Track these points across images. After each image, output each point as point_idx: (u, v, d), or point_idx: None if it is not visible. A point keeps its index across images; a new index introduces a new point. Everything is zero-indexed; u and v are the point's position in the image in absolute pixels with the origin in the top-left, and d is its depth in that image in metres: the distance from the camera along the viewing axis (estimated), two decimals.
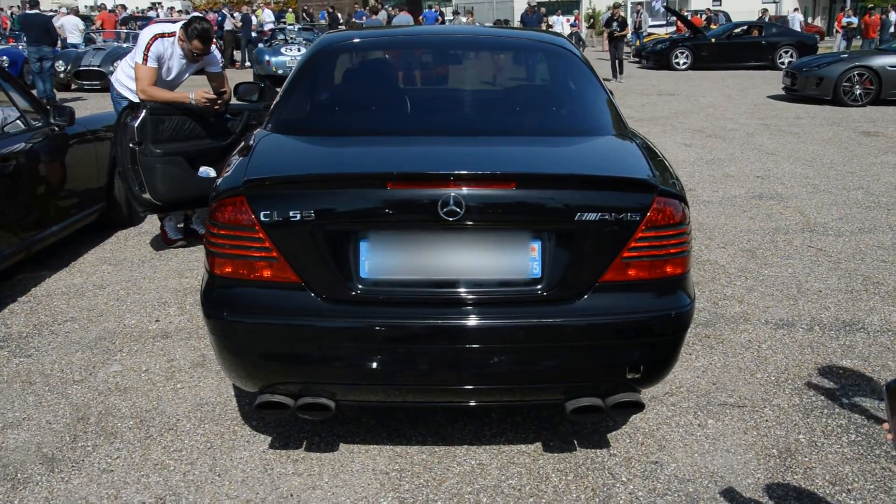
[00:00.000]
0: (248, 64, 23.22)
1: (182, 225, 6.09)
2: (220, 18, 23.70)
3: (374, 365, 2.76)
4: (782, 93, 16.12)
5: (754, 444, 3.34)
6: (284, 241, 2.70)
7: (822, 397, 3.75)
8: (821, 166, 9.19)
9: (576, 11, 39.55)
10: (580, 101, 3.65)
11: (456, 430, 3.37)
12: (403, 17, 18.98)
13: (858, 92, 15.01)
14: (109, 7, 30.78)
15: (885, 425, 2.01)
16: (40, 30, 13.91)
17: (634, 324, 2.79)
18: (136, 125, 5.14)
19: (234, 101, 5.88)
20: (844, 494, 3.01)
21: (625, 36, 21.12)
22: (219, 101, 5.44)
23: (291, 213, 2.66)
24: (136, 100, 5.50)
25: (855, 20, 27.30)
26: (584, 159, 3.17)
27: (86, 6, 26.79)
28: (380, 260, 2.72)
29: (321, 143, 3.25)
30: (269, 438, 3.32)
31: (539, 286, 2.72)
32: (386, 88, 3.90)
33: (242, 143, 3.55)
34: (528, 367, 2.79)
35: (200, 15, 6.33)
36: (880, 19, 27.54)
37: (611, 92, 3.81)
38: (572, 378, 2.83)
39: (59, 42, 14.79)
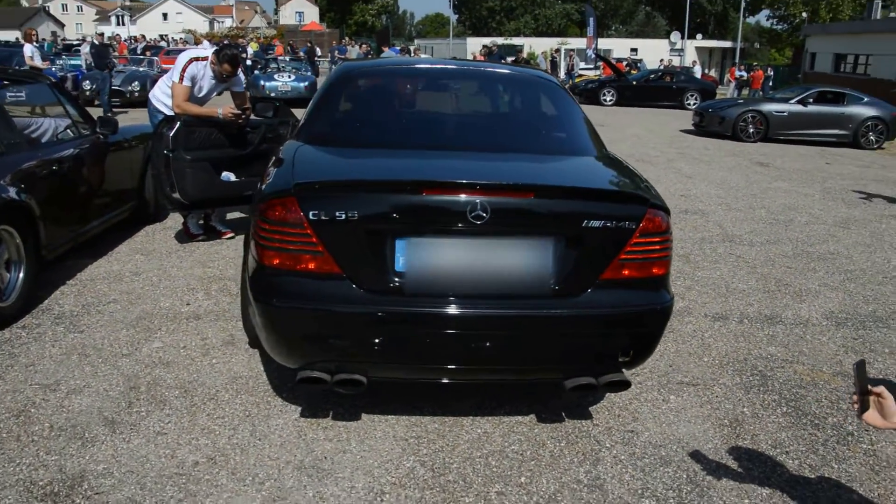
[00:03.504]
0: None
1: (202, 222, 5.88)
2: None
3: (406, 346, 2.67)
4: (692, 128, 16.39)
5: (709, 415, 3.33)
6: (329, 237, 2.59)
7: (758, 377, 3.77)
8: (729, 188, 9.34)
9: (517, 53, 39.67)
10: (570, 125, 3.60)
11: (460, 403, 3.28)
12: (393, 52, 18.64)
13: (752, 130, 15.39)
14: (123, 37, 29.91)
15: (854, 397, 2.00)
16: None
17: (628, 315, 2.76)
18: (171, 134, 4.98)
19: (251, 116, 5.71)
20: (784, 456, 3.03)
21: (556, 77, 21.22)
22: (242, 116, 5.28)
23: (337, 213, 2.56)
24: (171, 113, 5.32)
25: (745, 74, 28.14)
26: (586, 174, 3.12)
27: (108, 36, 26.14)
28: (413, 256, 2.63)
29: (354, 154, 3.14)
30: (300, 408, 3.19)
31: (551, 282, 2.65)
32: (404, 109, 3.80)
33: (276, 155, 3.42)
34: (538, 350, 2.73)
35: (232, 43, 6.13)
36: (763, 74, 28.48)
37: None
38: (574, 360, 2.78)
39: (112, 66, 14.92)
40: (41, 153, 4.46)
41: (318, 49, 35.82)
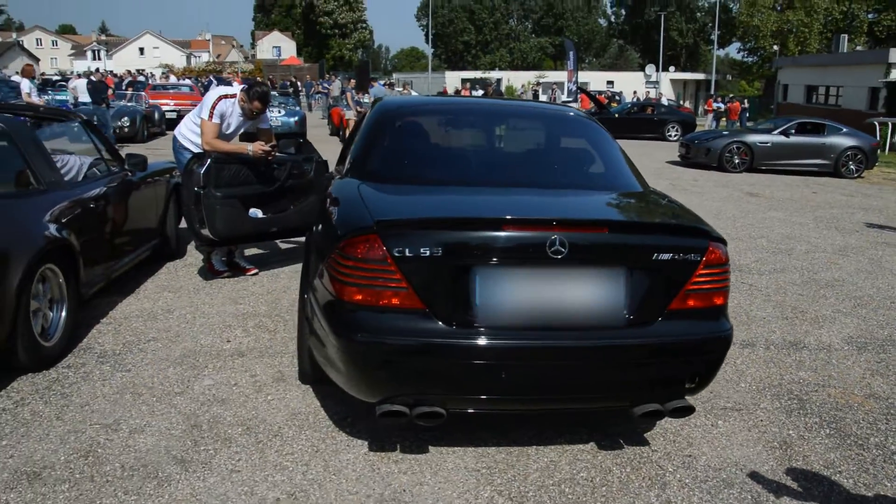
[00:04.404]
0: None
1: (225, 259, 5.94)
2: (206, 83, 23.28)
3: (487, 378, 2.76)
4: (678, 159, 16.80)
5: (759, 439, 3.46)
6: (413, 273, 2.69)
7: (795, 401, 3.91)
8: (727, 219, 9.61)
9: (487, 87, 40.25)
10: (614, 161, 3.76)
11: (521, 433, 3.37)
12: (380, 90, 18.87)
13: (737, 161, 15.87)
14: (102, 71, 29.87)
15: None
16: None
17: (696, 343, 2.89)
18: (202, 172, 5.06)
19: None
20: (838, 475, 3.16)
21: None
22: (272, 153, 5.38)
23: (422, 250, 2.66)
24: (197, 150, 5.41)
25: (723, 106, 28.96)
26: (647, 210, 3.28)
27: (102, 72, 26.17)
28: (495, 290, 2.74)
29: (421, 192, 3.26)
30: (366, 442, 3.26)
31: (625, 312, 2.78)
32: (457, 146, 3.94)
33: (330, 194, 3.52)
34: (612, 378, 2.84)
35: (261, 81, 6.25)
36: (739, 105, 29.33)
37: None
38: (644, 388, 2.89)
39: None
40: (79, 191, 4.52)
41: (299, 84, 36.09)
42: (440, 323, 2.72)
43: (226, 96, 5.31)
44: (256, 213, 5.52)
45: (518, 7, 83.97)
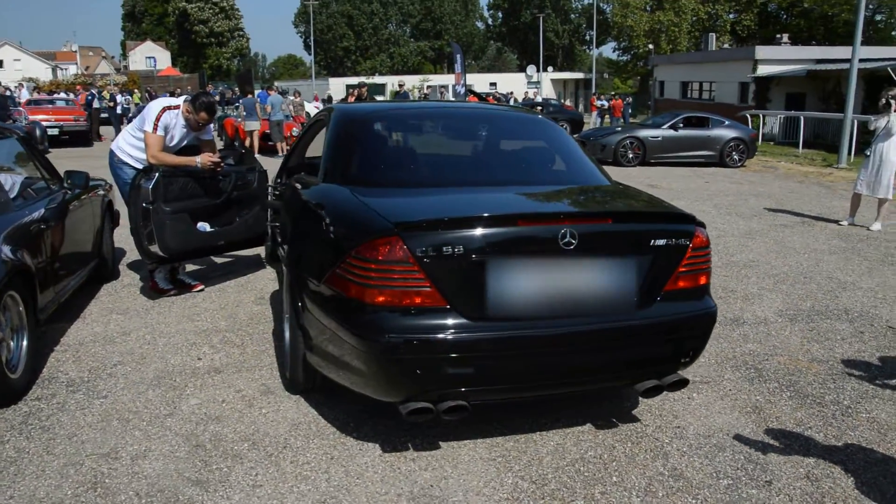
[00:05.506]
0: None
1: (169, 276, 5.77)
2: (89, 97, 22.03)
3: (510, 367, 2.90)
4: None
5: (733, 406, 3.80)
6: (435, 272, 2.80)
7: (752, 370, 4.30)
8: None
9: (360, 89, 40.33)
10: (579, 157, 4.00)
11: (520, 421, 3.53)
12: (276, 98, 18.54)
13: (631, 155, 16.78)
14: None
15: None
16: None
17: (689, 320, 3.16)
18: (150, 187, 4.92)
19: None
20: (810, 431, 3.52)
21: None
22: (221, 164, 5.30)
23: (444, 248, 2.77)
24: (138, 165, 5.25)
25: (606, 103, 30.36)
26: (635, 200, 3.52)
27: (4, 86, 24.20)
28: (512, 282, 2.88)
29: (422, 194, 3.36)
30: (377, 445, 3.32)
31: (632, 296, 3.00)
32: (437, 150, 4.05)
33: (314, 202, 3.56)
34: (620, 358, 3.06)
35: (206, 91, 6.10)
36: (622, 102, 30.86)
37: None
38: (647, 365, 3.13)
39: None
40: (27, 211, 4.29)
41: (179, 92, 34.74)
42: (463, 318, 2.83)
43: (169, 108, 5.17)
44: (204, 226, 5.41)
45: (396, 12, 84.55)
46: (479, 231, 2.83)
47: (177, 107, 5.22)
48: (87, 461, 3.15)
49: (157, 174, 4.96)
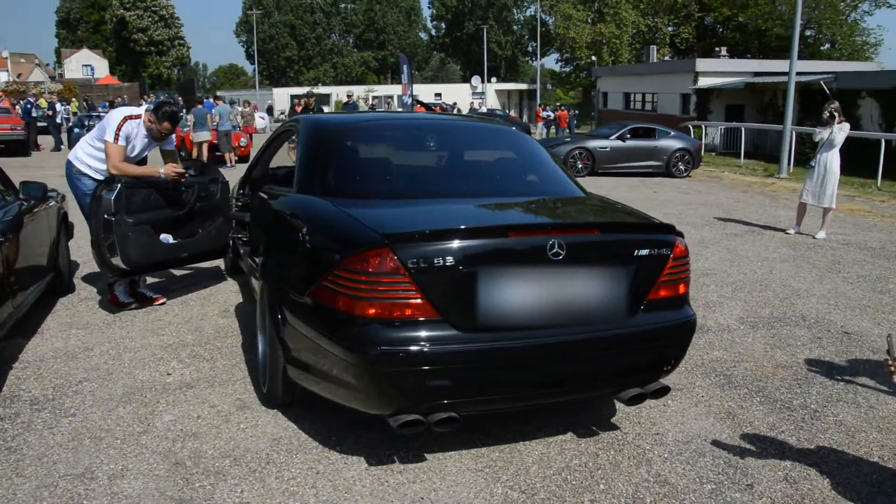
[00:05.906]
0: (63, 146, 20.90)
1: (129, 289, 5.61)
2: (27, 106, 21.21)
3: (502, 378, 2.92)
4: None
5: (707, 412, 3.89)
6: (426, 283, 2.80)
7: (722, 377, 4.42)
8: None
9: (308, 99, 40.14)
10: (554, 169, 4.07)
11: (503, 433, 3.54)
12: (224, 108, 18.25)
13: (580, 166, 17.09)
14: None
15: (890, 367, 2.62)
16: None
17: (672, 328, 3.23)
18: (111, 198, 4.78)
19: None
20: (783, 434, 3.64)
21: None
22: (185, 175, 5.18)
23: (435, 260, 2.78)
24: (98, 176, 5.10)
25: (552, 114, 30.86)
26: (616, 210, 3.58)
27: None
28: (503, 293, 2.90)
29: (406, 205, 3.36)
30: (362, 458, 3.29)
31: (620, 306, 3.05)
32: (414, 161, 4.06)
33: (292, 213, 3.53)
34: (607, 367, 3.11)
35: (168, 100, 5.95)
36: (567, 113, 31.43)
37: None
38: (633, 373, 3.18)
39: None
40: None
41: (119, 101, 33.83)
42: (455, 330, 2.84)
43: (131, 117, 5.03)
44: (167, 238, 5.29)
45: (339, 22, 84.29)
46: (469, 242, 2.85)
47: (138, 116, 5.09)
48: (61, 482, 3.04)
49: (118, 185, 4.83)
